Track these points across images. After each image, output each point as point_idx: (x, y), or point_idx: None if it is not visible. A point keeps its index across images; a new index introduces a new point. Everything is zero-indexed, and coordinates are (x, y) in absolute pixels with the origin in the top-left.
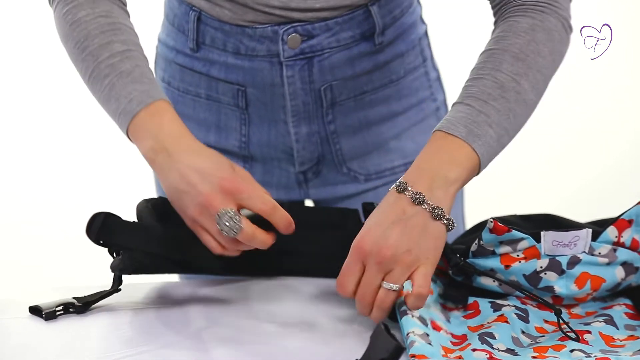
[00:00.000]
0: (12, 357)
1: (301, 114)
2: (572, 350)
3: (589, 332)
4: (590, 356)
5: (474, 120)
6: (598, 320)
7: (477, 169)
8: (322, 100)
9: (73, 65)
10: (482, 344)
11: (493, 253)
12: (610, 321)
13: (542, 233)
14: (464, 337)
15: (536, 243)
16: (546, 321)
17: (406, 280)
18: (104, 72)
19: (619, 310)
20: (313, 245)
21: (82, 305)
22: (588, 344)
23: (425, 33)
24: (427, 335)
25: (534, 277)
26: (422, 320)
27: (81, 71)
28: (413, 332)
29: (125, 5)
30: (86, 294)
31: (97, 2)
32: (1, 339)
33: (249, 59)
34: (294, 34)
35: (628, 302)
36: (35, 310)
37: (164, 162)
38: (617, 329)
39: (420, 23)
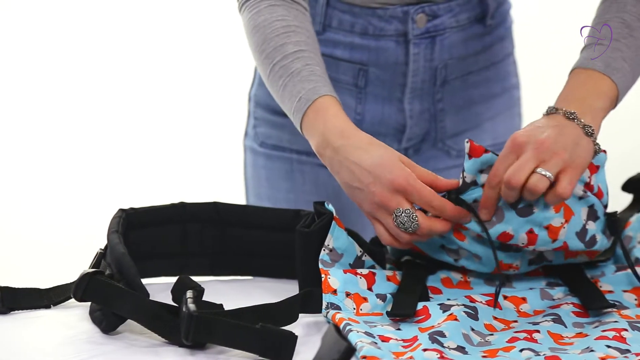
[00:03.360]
0: None
1: (417, 91)
2: (521, 350)
3: (538, 331)
4: (539, 355)
5: (609, 55)
6: (546, 320)
7: (616, 101)
8: (435, 78)
9: (258, 68)
10: (432, 343)
11: (475, 184)
12: (558, 320)
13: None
14: (414, 339)
15: None
16: (495, 318)
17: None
18: (278, 73)
19: (567, 309)
20: (267, 246)
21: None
22: (537, 343)
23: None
24: (376, 343)
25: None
26: (369, 334)
27: (262, 74)
28: (361, 341)
29: (305, 8)
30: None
31: (275, 8)
32: None
33: (375, 38)
34: (421, 14)
35: (575, 300)
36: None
37: (332, 158)
38: (566, 327)
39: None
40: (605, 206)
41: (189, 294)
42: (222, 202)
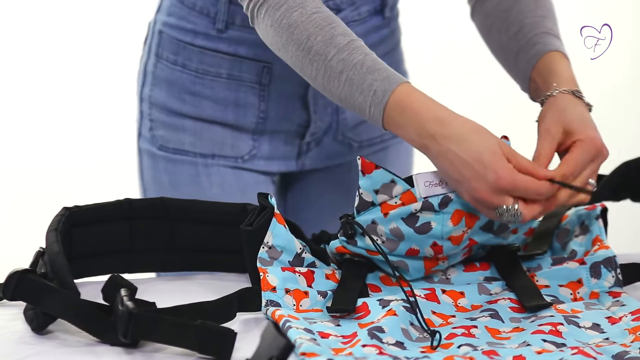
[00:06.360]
0: None
1: None
2: (459, 346)
3: (476, 326)
4: (477, 349)
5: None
6: (484, 315)
7: None
8: None
9: (297, 69)
10: (371, 339)
11: (372, 205)
12: (495, 315)
13: (414, 176)
14: (354, 335)
15: (410, 187)
16: (434, 312)
17: None
18: (337, 68)
19: (504, 304)
20: (216, 241)
21: None
22: (475, 338)
23: None
24: (315, 339)
25: (412, 218)
26: (309, 331)
27: (311, 73)
28: (300, 337)
29: None
30: None
31: (305, 1)
32: None
33: None
34: None
35: (512, 296)
36: None
37: (433, 148)
38: (503, 322)
39: None
40: None
41: (123, 292)
42: (168, 198)
